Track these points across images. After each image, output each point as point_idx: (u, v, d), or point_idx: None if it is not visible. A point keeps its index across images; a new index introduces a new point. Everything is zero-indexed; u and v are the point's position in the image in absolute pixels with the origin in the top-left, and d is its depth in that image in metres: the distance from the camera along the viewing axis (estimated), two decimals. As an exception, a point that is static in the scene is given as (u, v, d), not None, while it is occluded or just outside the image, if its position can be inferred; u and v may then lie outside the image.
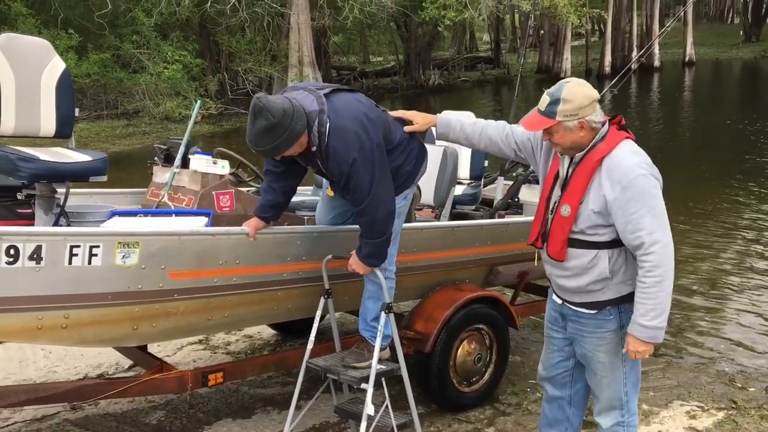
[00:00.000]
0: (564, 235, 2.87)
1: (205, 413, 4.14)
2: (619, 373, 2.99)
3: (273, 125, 2.93)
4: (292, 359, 3.83)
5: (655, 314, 2.74)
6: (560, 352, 3.16)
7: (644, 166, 2.78)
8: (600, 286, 2.87)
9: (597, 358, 2.98)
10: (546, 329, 3.24)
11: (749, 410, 4.15)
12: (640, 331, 2.77)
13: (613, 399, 3.03)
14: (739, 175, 11.53)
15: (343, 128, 3.05)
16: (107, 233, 3.07)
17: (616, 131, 2.87)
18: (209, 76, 23.65)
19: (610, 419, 3.05)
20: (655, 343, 2.80)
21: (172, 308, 3.25)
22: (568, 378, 3.19)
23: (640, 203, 2.72)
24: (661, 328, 2.77)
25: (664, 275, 2.74)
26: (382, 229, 3.23)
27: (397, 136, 3.34)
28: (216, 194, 3.95)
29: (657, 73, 35.30)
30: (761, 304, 6.09)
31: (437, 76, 32.61)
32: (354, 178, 3.09)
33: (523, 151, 3.19)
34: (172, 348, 5.03)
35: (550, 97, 2.80)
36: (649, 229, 2.72)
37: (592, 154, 2.82)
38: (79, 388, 3.38)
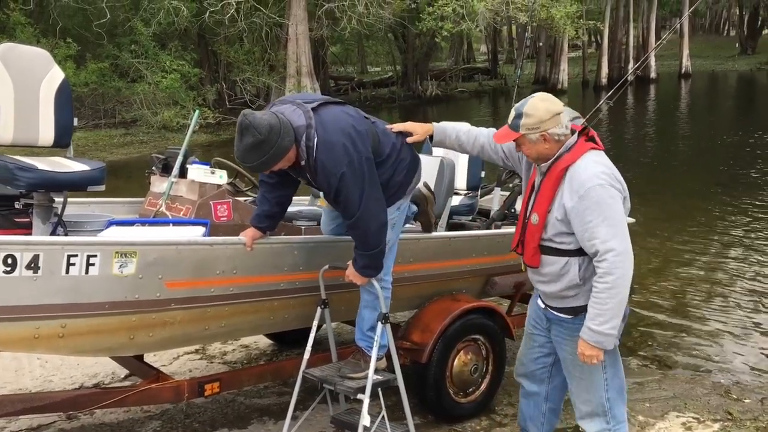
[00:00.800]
0: (535, 242, 3.00)
1: (201, 423, 4.13)
2: (598, 378, 3.05)
3: (260, 142, 2.95)
4: (288, 369, 3.83)
5: (603, 320, 2.82)
6: (541, 348, 3.26)
7: (603, 176, 2.86)
8: (573, 292, 2.98)
9: (576, 362, 3.03)
10: (528, 326, 3.33)
11: (745, 422, 4.15)
12: (588, 335, 2.86)
13: (594, 404, 3.09)
14: (734, 188, 11.57)
15: (331, 142, 3.06)
16: (105, 243, 3.08)
17: (583, 142, 2.97)
18: (207, 85, 23.70)
19: (594, 425, 3.12)
20: (602, 348, 2.87)
21: (169, 318, 3.26)
22: (546, 374, 3.29)
23: (596, 212, 2.81)
24: (609, 334, 2.84)
25: (615, 283, 2.80)
26: (375, 242, 3.24)
27: (387, 148, 3.34)
28: (213, 204, 3.96)
29: (653, 84, 35.49)
30: (757, 316, 6.10)
31: (435, 87, 32.72)
32: (343, 192, 3.10)
33: (510, 159, 3.33)
34: (168, 358, 5.02)
35: (515, 111, 2.96)
36: (603, 238, 2.80)
37: (557, 164, 2.94)
38: (76, 397, 3.37)
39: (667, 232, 8.89)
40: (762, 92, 33.02)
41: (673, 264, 7.70)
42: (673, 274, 7.34)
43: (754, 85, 36.27)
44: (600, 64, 35.80)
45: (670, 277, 7.27)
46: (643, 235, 8.22)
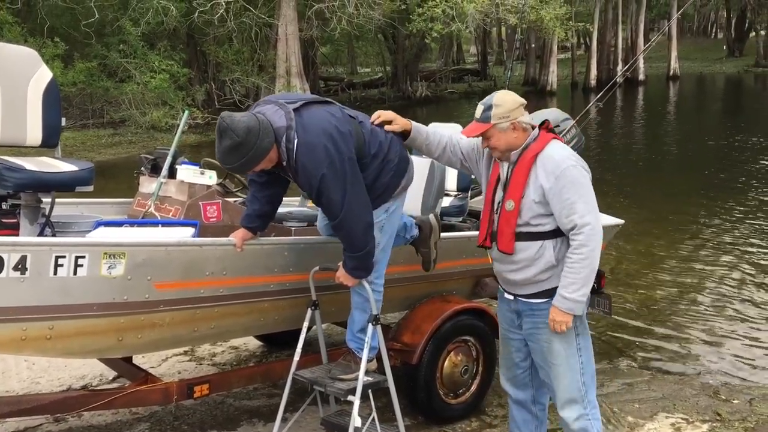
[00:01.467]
0: (511, 228, 3.14)
1: (190, 425, 4.11)
2: (574, 362, 3.18)
3: (237, 144, 2.95)
4: (278, 371, 3.82)
5: (576, 288, 3.03)
6: (518, 352, 3.38)
7: (573, 158, 3.12)
8: (547, 275, 3.14)
9: (551, 348, 3.18)
10: (502, 331, 3.45)
11: (733, 422, 4.17)
12: (562, 302, 3.06)
13: (571, 390, 3.20)
14: (721, 190, 11.65)
15: (312, 144, 3.05)
16: (93, 243, 3.05)
17: (545, 133, 3.20)
18: (196, 85, 23.61)
19: (573, 412, 3.21)
20: (571, 314, 3.07)
21: (158, 319, 3.23)
22: (527, 378, 3.42)
23: (572, 190, 3.04)
24: (579, 301, 3.05)
25: (589, 254, 3.02)
26: (361, 243, 3.22)
27: (373, 148, 3.32)
28: (203, 205, 3.94)
29: (642, 86, 35.67)
30: (746, 317, 6.14)
31: (424, 88, 32.76)
32: (325, 194, 3.10)
33: (468, 160, 3.48)
34: (157, 359, 4.99)
35: (484, 105, 3.16)
36: (581, 213, 3.02)
37: (527, 152, 3.14)
38: (64, 399, 3.35)
39: (656, 233, 8.93)
40: (749, 95, 33.28)
41: (662, 265, 7.73)
42: (661, 275, 7.37)
43: (741, 88, 36.55)
44: (589, 66, 35.98)
45: (658, 277, 7.30)
46: (631, 236, 8.26)
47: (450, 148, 3.49)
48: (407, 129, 3.47)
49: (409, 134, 3.49)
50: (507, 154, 3.18)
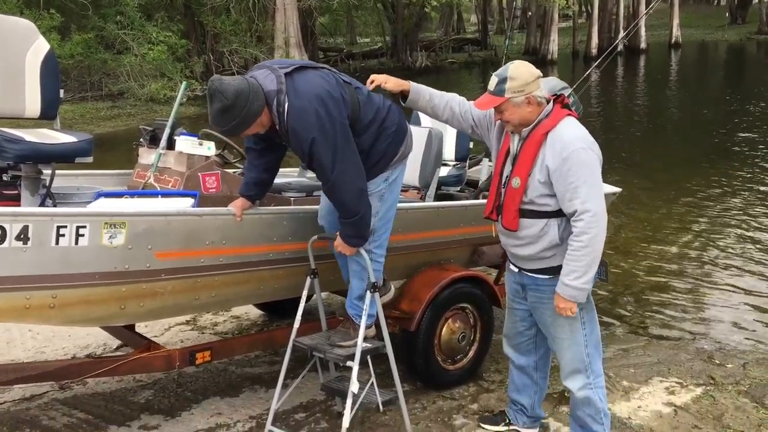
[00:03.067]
0: (515, 205, 3.12)
1: (193, 392, 4.18)
2: (579, 335, 3.21)
3: (227, 107, 2.96)
4: (279, 338, 3.88)
5: (577, 275, 3.01)
6: (522, 321, 3.44)
7: (584, 140, 3.03)
8: (551, 252, 3.12)
9: (557, 322, 3.20)
10: (508, 301, 3.48)
11: (727, 386, 4.24)
12: (563, 289, 3.06)
13: (576, 361, 3.26)
14: (722, 159, 11.66)
15: (302, 108, 3.05)
16: (94, 213, 3.09)
17: (559, 109, 3.12)
18: (194, 57, 23.47)
19: (577, 382, 3.28)
20: (575, 301, 3.07)
21: (159, 288, 3.28)
22: (531, 345, 3.48)
23: (578, 174, 2.96)
24: (582, 289, 3.04)
25: (590, 242, 2.97)
26: (354, 209, 3.22)
27: (370, 115, 3.32)
28: (202, 175, 3.97)
29: (643, 54, 35.41)
30: (740, 284, 6.20)
31: (424, 58, 32.54)
32: (315, 158, 3.10)
33: (479, 127, 3.44)
34: (159, 329, 5.06)
35: (498, 77, 3.07)
36: (583, 199, 2.96)
37: (538, 129, 3.07)
38: (68, 366, 3.41)
39: (655, 201, 8.97)
40: (751, 63, 33.04)
41: (660, 233, 7.78)
42: (659, 243, 7.42)
43: (744, 56, 36.26)
44: (590, 35, 35.63)
45: (656, 245, 7.35)
46: (629, 204, 8.30)
47: (461, 112, 3.44)
48: (405, 89, 3.44)
49: (407, 96, 3.46)
50: (519, 128, 3.13)
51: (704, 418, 3.86)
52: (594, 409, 3.31)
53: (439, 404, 4.04)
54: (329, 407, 3.99)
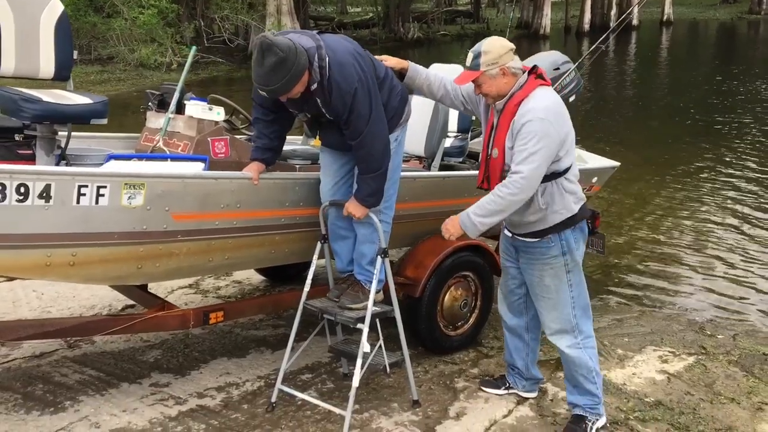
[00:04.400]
0: (497, 174, 3.30)
1: (200, 352, 4.27)
2: (565, 296, 3.40)
3: (282, 60, 2.98)
4: (288, 300, 3.97)
5: (480, 213, 3.22)
6: (514, 279, 3.62)
7: (547, 111, 3.16)
8: (537, 217, 3.30)
9: (543, 282, 3.41)
10: (502, 260, 3.68)
11: (718, 355, 4.39)
12: (463, 216, 3.28)
13: (561, 321, 3.44)
14: (710, 136, 11.80)
15: (342, 62, 3.15)
16: (114, 174, 3.14)
17: (533, 80, 3.27)
18: (185, 22, 23.20)
19: (565, 341, 3.45)
20: (462, 228, 3.30)
21: (175, 249, 3.35)
22: (522, 306, 3.66)
23: (526, 139, 3.13)
24: (474, 224, 3.24)
25: (507, 197, 3.15)
26: (379, 162, 3.35)
27: (382, 72, 3.46)
28: (211, 141, 4.00)
29: (635, 31, 35.38)
30: (730, 258, 6.36)
31: (416, 29, 32.33)
32: (356, 110, 3.21)
33: (470, 103, 3.61)
34: (163, 291, 5.12)
35: (473, 53, 3.25)
36: (519, 161, 3.14)
37: (511, 100, 3.24)
38: (85, 323, 3.49)
39: (646, 177, 9.10)
40: (741, 41, 33.16)
41: (652, 208, 7.92)
42: (650, 218, 7.57)
43: (734, 35, 36.37)
44: (583, 10, 35.53)
45: (648, 220, 7.49)
46: (622, 180, 8.41)
47: (452, 90, 3.63)
48: (404, 67, 3.60)
49: (405, 73, 3.61)
50: (498, 99, 3.31)
51: (696, 386, 4.01)
52: (585, 368, 3.46)
53: (441, 368, 4.16)
54: (334, 369, 4.10)
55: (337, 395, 3.79)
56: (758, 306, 5.33)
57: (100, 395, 3.72)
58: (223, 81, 20.84)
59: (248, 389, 3.84)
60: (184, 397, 3.73)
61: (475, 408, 3.72)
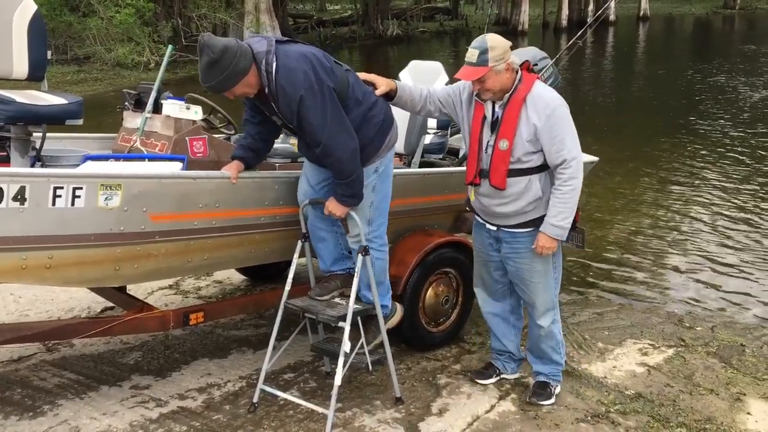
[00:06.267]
0: (505, 165, 3.40)
1: (181, 353, 4.24)
2: (551, 278, 3.62)
3: (214, 61, 3.02)
4: (270, 300, 3.95)
5: (564, 216, 3.37)
6: (497, 270, 3.75)
7: (560, 98, 3.39)
8: (533, 206, 3.45)
9: (534, 269, 3.56)
10: (480, 254, 3.78)
11: (696, 347, 4.44)
12: (551, 229, 3.39)
13: (548, 302, 3.65)
14: (687, 130, 11.91)
15: (291, 68, 3.12)
16: (90, 175, 3.11)
17: (527, 74, 3.43)
18: (162, 21, 23.00)
19: (547, 319, 3.67)
20: (559, 239, 3.43)
21: (153, 250, 3.32)
22: (506, 291, 3.82)
23: (561, 127, 3.32)
24: (566, 228, 3.40)
25: (577, 185, 3.36)
26: (349, 169, 3.30)
27: (358, 95, 3.39)
28: (189, 140, 3.96)
29: (612, 27, 35.65)
30: (708, 251, 6.42)
31: (395, 27, 32.34)
32: (305, 117, 3.16)
33: (445, 106, 3.70)
34: (142, 292, 5.08)
35: (478, 49, 3.30)
36: (569, 148, 3.32)
37: (516, 94, 3.36)
38: (63, 326, 3.44)
39: (625, 171, 9.17)
40: (715, 36, 33.54)
41: (630, 202, 7.98)
42: (629, 212, 7.62)
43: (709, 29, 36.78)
44: (560, 6, 35.73)
45: (626, 214, 7.55)
46: (599, 174, 8.47)
47: (429, 99, 3.73)
48: (392, 89, 3.65)
49: (395, 94, 3.66)
50: (499, 94, 3.38)
51: (675, 377, 4.04)
52: (555, 340, 3.74)
53: (423, 365, 4.17)
54: (317, 368, 4.09)
55: (320, 394, 3.78)
56: (736, 298, 5.39)
57: (79, 399, 3.68)
58: (202, 80, 20.70)
59: (230, 390, 3.82)
60: (165, 398, 3.71)
61: (457, 404, 3.72)
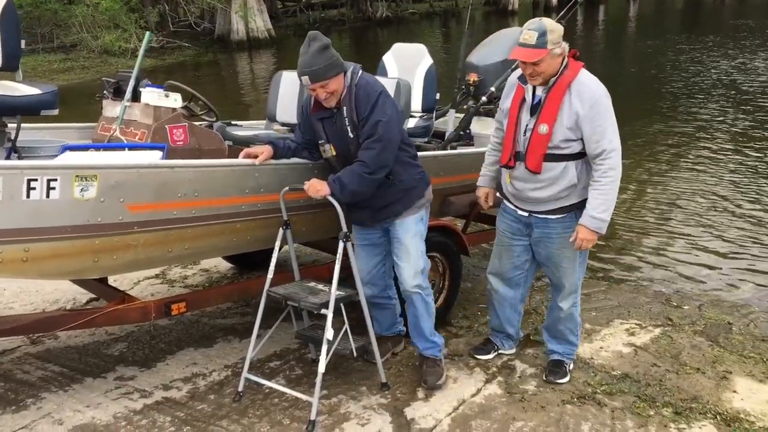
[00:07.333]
0: (543, 149, 3.37)
1: (167, 343, 4.22)
2: (578, 263, 3.63)
3: (326, 46, 3.29)
4: (254, 288, 3.91)
5: (604, 208, 3.35)
6: (519, 256, 3.73)
7: (604, 88, 3.36)
8: (567, 192, 3.44)
9: (563, 254, 3.56)
10: (503, 240, 3.74)
11: (683, 326, 4.44)
12: (591, 221, 3.36)
13: (573, 285, 3.69)
14: (676, 112, 11.88)
15: (371, 83, 3.44)
16: (65, 166, 3.06)
17: (573, 61, 3.40)
18: (149, 7, 22.78)
19: (568, 302, 3.72)
20: (599, 232, 3.39)
21: (132, 240, 3.28)
22: (522, 279, 3.83)
23: (604, 118, 3.30)
24: (607, 220, 3.37)
25: (616, 177, 3.35)
26: (378, 164, 3.39)
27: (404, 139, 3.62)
28: (169, 128, 3.92)
29: (602, 5, 35.50)
30: (694, 232, 6.43)
31: (385, 8, 32.10)
32: (378, 107, 3.36)
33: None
34: (128, 283, 5.06)
35: (537, 31, 3.27)
36: (610, 138, 3.31)
37: (562, 79, 3.34)
38: (45, 319, 3.41)
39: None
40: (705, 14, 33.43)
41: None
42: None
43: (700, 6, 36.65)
44: (550, -15, 35.48)
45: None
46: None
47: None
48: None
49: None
50: (548, 78, 3.35)
51: (662, 357, 4.05)
52: (574, 322, 3.79)
53: (410, 350, 4.14)
54: (303, 355, 4.07)
55: (306, 381, 3.77)
56: (723, 277, 5.40)
57: (63, 391, 3.66)
58: (191, 66, 20.58)
59: (215, 379, 3.81)
60: (150, 389, 3.69)
61: (443, 388, 3.72)
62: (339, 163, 3.55)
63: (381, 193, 3.54)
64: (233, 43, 23.87)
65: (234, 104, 13.80)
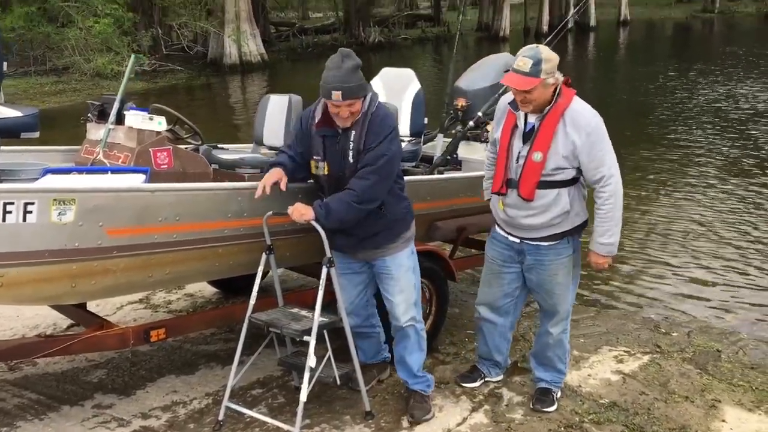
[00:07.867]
0: (537, 177, 3.35)
1: (147, 370, 4.14)
2: (570, 289, 3.62)
3: (359, 65, 3.28)
4: (236, 314, 3.84)
5: (611, 233, 3.41)
6: (510, 284, 3.69)
7: (597, 115, 3.36)
8: (560, 219, 3.42)
9: (555, 280, 3.55)
10: (494, 267, 3.68)
11: (672, 354, 4.39)
12: (600, 248, 3.43)
13: (565, 311, 3.67)
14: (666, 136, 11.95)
15: (388, 114, 3.43)
16: (42, 190, 3.01)
17: (566, 88, 3.38)
18: (142, 30, 22.87)
19: (559, 328, 3.69)
20: (610, 255, 3.47)
21: (111, 265, 3.22)
22: (512, 306, 3.78)
23: (600, 145, 3.31)
24: (615, 243, 3.44)
25: (618, 202, 3.38)
26: (372, 195, 3.34)
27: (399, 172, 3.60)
28: (153, 151, 3.89)
29: (593, 32, 35.90)
30: (683, 257, 6.41)
31: (377, 34, 32.36)
32: (384, 143, 3.32)
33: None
34: (111, 308, 4.98)
35: (532, 59, 3.22)
36: (609, 165, 3.33)
37: (555, 107, 3.32)
38: (21, 345, 3.35)
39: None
40: (694, 40, 33.83)
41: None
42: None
43: (689, 33, 37.10)
44: (541, 11, 35.93)
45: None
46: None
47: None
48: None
49: None
50: (539, 107, 3.32)
51: (651, 385, 3.99)
52: (562, 349, 3.77)
53: (396, 377, 4.07)
54: (286, 382, 4.00)
55: (288, 410, 3.69)
56: (712, 303, 5.37)
57: (38, 420, 3.57)
58: (183, 89, 20.60)
59: (195, 407, 3.73)
60: (128, 418, 3.61)
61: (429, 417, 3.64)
62: (328, 183, 3.50)
63: (368, 223, 3.46)
64: (226, 66, 23.96)
65: (226, 127, 13.79)
